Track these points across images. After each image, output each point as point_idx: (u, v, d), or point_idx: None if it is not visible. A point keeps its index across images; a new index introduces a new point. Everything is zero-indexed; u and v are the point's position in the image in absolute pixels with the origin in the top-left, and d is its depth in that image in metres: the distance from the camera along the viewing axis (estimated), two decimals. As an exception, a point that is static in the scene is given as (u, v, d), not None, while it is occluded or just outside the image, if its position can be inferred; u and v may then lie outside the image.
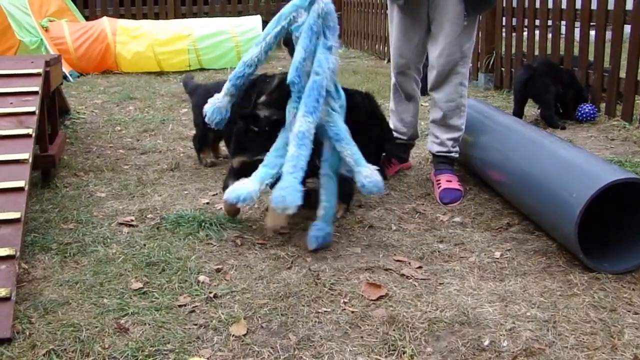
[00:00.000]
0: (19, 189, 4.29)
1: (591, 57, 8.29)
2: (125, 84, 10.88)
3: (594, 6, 8.11)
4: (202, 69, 12.23)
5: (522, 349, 3.28)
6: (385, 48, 13.84)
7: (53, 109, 6.18)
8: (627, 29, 7.65)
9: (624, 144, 6.70)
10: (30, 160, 4.58)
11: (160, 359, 3.26)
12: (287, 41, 8.18)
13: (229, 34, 12.55)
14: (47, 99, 5.70)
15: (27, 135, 4.77)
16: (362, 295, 3.82)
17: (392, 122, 5.96)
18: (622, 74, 7.68)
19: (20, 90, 5.18)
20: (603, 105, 7.99)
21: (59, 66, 6.45)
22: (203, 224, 4.83)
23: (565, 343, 3.32)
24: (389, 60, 13.31)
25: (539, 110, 7.95)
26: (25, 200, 4.26)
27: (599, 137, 7.08)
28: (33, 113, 4.98)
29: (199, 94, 6.37)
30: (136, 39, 12.08)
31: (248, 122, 4.59)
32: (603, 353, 3.24)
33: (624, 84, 7.62)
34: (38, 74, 5.38)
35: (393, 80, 5.84)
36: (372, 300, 3.77)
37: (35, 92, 5.19)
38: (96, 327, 3.52)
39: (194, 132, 7.55)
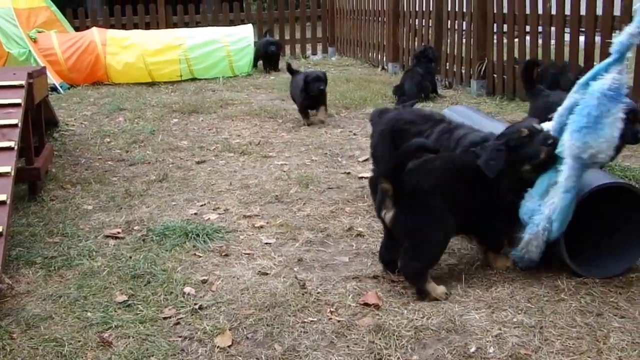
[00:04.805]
0: (1, 203, 4.26)
1: (581, 62, 8.27)
2: (115, 95, 10.86)
3: (583, 12, 8.11)
4: (193, 79, 12.22)
5: (508, 355, 3.25)
6: (379, 56, 13.85)
7: (39, 121, 6.15)
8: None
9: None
10: (12, 174, 4.54)
11: (143, 373, 3.23)
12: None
13: (221, 44, 12.56)
14: (31, 111, 5.66)
15: (10, 148, 4.74)
16: (349, 304, 3.79)
17: None
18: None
19: (2, 103, 5.15)
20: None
21: (43, 78, 6.42)
22: (190, 234, 4.81)
23: (552, 348, 3.30)
24: (382, 68, 13.42)
25: None
26: (8, 214, 4.23)
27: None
28: (16, 125, 4.95)
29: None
30: (126, 49, 12.07)
31: None
32: (589, 357, 3.22)
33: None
34: (21, 86, 5.35)
35: None
36: (359, 306, 3.74)
37: (18, 104, 5.16)
38: (79, 341, 3.50)
39: (184, 142, 7.55)
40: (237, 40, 12.77)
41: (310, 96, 8.55)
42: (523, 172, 4.06)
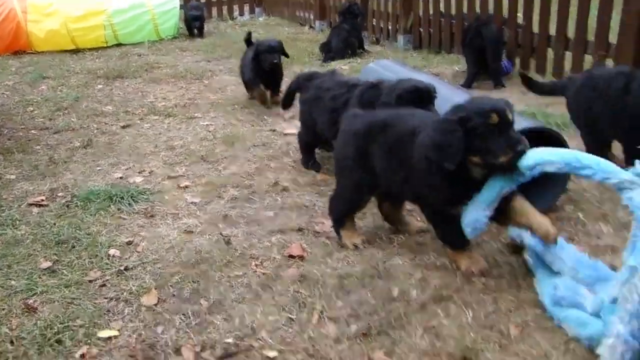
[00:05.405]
0: None
1: (505, 14, 8.37)
2: (38, 64, 10.63)
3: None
4: (119, 45, 12.01)
5: (430, 296, 3.32)
6: (306, 14, 13.79)
7: (-44, 92, 6.01)
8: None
9: (537, 97, 6.72)
10: None
11: (69, 335, 3.21)
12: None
13: (146, 7, 12.37)
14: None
15: None
16: (274, 257, 3.81)
17: None
18: (535, 29, 7.82)
19: None
20: (518, 60, 8.14)
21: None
22: (114, 198, 4.76)
23: (473, 287, 3.38)
24: (310, 26, 13.39)
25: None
26: None
27: (513, 90, 7.15)
28: None
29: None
30: (49, 16, 11.75)
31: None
32: (508, 294, 3.30)
33: (536, 39, 7.75)
34: None
35: None
36: (283, 259, 3.78)
37: None
38: (3, 309, 3.46)
39: (109, 107, 7.45)
40: (162, 3, 12.59)
41: (263, 71, 7.13)
42: (469, 162, 3.29)
